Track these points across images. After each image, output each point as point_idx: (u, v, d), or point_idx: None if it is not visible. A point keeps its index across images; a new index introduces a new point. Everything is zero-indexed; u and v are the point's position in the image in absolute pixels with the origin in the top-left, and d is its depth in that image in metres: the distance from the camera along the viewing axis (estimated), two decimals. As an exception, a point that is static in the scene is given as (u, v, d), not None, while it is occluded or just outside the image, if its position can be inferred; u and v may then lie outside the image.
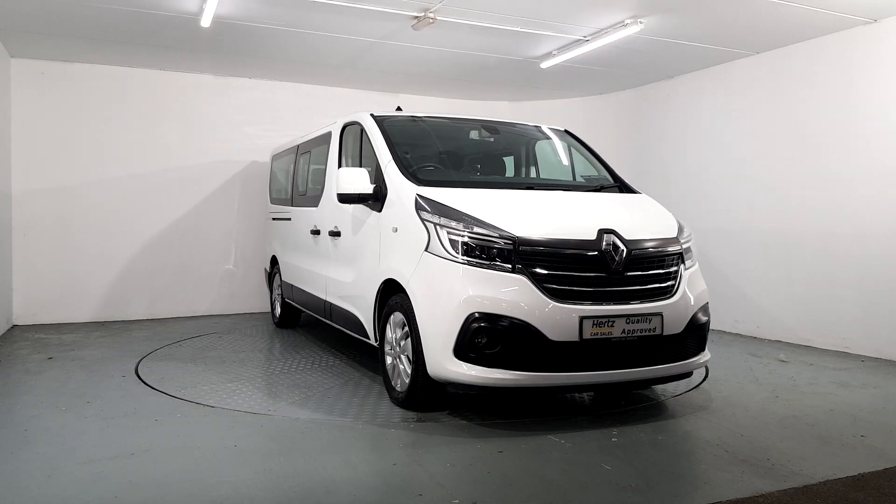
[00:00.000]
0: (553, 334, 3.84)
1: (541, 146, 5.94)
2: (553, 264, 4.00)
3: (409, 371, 4.28)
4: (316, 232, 5.99)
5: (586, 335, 3.89)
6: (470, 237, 4.02)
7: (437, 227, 4.13)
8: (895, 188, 6.09)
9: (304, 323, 7.81)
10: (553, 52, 7.33)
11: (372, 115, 5.29)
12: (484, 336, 3.85)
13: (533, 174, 5.80)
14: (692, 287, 4.41)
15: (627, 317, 4.01)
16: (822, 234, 6.72)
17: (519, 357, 3.86)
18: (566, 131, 5.99)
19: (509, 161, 5.83)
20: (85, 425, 4.12)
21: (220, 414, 4.36)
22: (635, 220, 4.51)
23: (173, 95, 8.46)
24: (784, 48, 7.08)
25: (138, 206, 8.32)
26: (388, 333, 4.59)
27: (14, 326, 7.73)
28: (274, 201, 7.97)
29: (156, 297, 8.44)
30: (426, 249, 4.14)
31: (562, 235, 4.09)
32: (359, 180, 4.71)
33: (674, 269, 4.36)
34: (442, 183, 4.60)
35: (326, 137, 6.06)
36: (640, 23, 6.25)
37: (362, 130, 5.27)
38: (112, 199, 8.21)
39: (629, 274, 4.13)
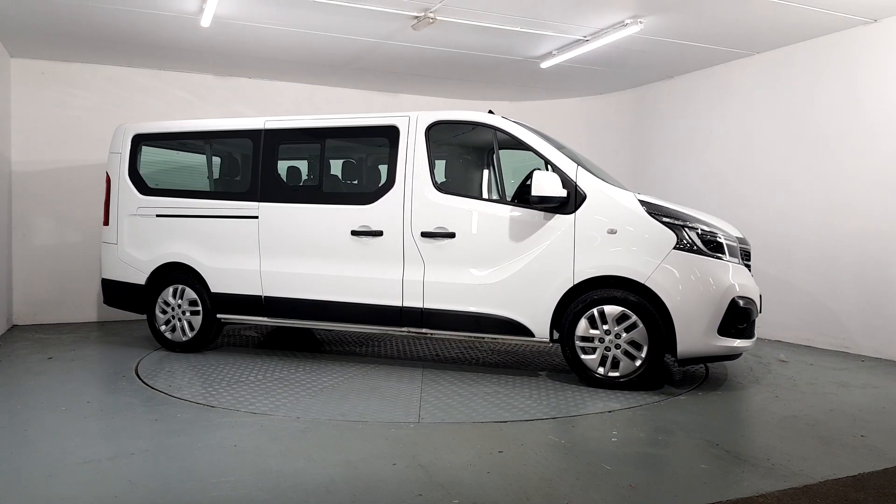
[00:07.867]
0: (760, 309, 5.08)
1: None
2: (744, 256, 5.18)
3: (642, 355, 4.89)
4: (374, 233, 5.61)
5: (759, 308, 5.11)
6: (724, 237, 4.99)
7: (688, 230, 4.91)
8: None
9: (232, 341, 7.04)
10: (553, 52, 7.33)
11: (508, 119, 5.48)
12: (743, 314, 4.85)
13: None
14: None
15: None
16: (822, 233, 6.72)
17: (753, 328, 5.02)
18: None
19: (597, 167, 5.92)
20: (85, 425, 4.12)
21: (220, 414, 4.36)
22: None
23: (174, 95, 8.47)
24: (784, 48, 7.08)
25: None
26: (587, 328, 5.01)
27: (14, 326, 7.73)
28: (176, 194, 6.53)
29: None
30: (675, 247, 4.85)
31: (739, 234, 5.31)
32: (553, 185, 5.02)
33: None
34: (624, 188, 5.23)
35: (387, 132, 5.75)
36: (640, 23, 6.25)
37: (496, 132, 5.41)
38: (112, 199, 8.21)
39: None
